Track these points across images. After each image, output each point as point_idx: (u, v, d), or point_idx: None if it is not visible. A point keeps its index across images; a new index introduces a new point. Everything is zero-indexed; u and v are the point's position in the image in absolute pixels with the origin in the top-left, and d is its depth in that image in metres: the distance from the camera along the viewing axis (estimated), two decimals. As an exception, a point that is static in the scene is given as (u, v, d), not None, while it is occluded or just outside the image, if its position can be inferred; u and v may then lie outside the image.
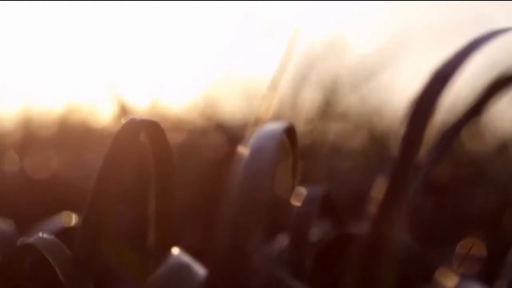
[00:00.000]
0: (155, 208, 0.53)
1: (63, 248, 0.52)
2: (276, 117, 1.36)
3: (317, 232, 0.87)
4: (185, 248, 0.43)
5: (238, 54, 1.54)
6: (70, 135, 1.30)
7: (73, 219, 0.74)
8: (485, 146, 1.22)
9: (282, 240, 0.86)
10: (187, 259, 0.41)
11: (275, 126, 0.39)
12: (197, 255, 0.43)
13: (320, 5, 1.51)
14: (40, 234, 0.60)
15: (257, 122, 0.68)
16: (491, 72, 0.94)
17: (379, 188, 0.39)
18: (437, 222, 0.93)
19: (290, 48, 1.24)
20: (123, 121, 0.53)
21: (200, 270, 0.41)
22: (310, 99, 1.46)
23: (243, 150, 0.37)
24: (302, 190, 0.96)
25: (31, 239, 0.59)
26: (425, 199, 0.90)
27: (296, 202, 0.93)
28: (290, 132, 0.40)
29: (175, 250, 0.42)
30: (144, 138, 0.54)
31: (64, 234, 0.70)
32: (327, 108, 1.42)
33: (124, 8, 1.56)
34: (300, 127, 1.39)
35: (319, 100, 1.45)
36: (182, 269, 0.40)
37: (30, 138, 1.34)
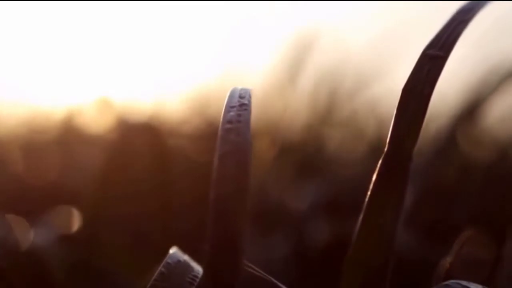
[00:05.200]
0: (153, 209, 0.53)
1: (60, 252, 0.52)
2: (275, 118, 1.36)
3: (317, 233, 0.87)
4: (184, 247, 0.43)
5: (236, 53, 1.54)
6: (69, 139, 1.30)
7: (72, 221, 0.74)
8: (484, 147, 1.22)
9: (281, 241, 0.86)
10: (185, 257, 0.42)
11: (243, 94, 0.39)
12: (196, 254, 0.43)
13: (319, 4, 1.51)
14: (39, 237, 0.60)
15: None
16: (488, 72, 0.94)
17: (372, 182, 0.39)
18: (436, 222, 0.93)
19: (299, 53, 1.24)
20: (121, 125, 0.53)
21: (198, 268, 0.41)
22: (309, 101, 1.46)
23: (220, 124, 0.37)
24: (304, 193, 0.96)
25: (29, 244, 0.59)
26: (424, 199, 0.90)
27: (297, 204, 0.93)
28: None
29: (174, 249, 0.43)
30: (141, 141, 0.54)
31: (63, 236, 0.71)
32: (327, 112, 1.42)
33: (121, 8, 1.56)
34: (300, 131, 1.39)
35: (318, 103, 1.45)
36: (181, 268, 0.40)
37: (29, 141, 1.35)
